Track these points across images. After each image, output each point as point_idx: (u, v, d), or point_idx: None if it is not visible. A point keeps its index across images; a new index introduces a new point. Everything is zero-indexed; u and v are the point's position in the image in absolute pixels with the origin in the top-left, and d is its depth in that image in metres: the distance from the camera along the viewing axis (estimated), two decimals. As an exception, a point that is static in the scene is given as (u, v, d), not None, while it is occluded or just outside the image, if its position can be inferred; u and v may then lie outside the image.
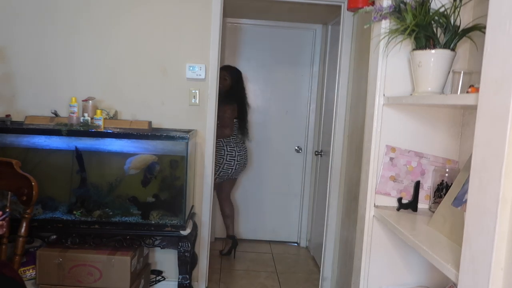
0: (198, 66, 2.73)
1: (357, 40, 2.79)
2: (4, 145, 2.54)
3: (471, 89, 1.15)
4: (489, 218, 0.83)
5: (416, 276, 1.54)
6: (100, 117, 2.45)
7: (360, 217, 1.60)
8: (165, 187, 2.64)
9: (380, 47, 1.46)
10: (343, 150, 2.93)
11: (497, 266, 0.82)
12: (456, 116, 1.52)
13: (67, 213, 2.48)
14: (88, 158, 2.57)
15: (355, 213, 1.68)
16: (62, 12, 2.68)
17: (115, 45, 2.72)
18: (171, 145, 2.57)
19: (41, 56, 2.70)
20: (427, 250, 1.10)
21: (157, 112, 2.75)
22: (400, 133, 1.51)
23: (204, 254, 2.93)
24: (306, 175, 4.02)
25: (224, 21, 3.25)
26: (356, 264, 1.59)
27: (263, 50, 3.87)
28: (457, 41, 1.30)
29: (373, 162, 1.52)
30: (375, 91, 1.50)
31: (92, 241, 2.38)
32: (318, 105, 3.88)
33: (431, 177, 1.53)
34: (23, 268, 2.44)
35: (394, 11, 1.38)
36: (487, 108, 0.86)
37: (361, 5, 1.54)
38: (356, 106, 2.72)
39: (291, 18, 3.76)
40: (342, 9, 2.87)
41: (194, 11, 2.71)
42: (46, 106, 2.67)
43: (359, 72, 2.70)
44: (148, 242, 2.41)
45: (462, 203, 1.22)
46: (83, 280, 2.38)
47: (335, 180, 2.98)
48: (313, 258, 3.76)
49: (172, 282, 2.80)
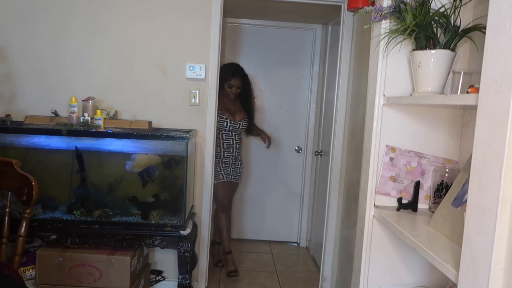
0: (198, 66, 2.73)
1: (357, 40, 2.79)
2: (4, 145, 2.54)
3: (471, 89, 1.15)
4: (489, 218, 0.83)
5: (416, 276, 1.54)
6: (100, 117, 2.45)
7: (360, 217, 1.60)
8: (165, 187, 2.64)
9: (380, 47, 1.46)
10: (343, 150, 2.93)
11: (497, 266, 0.82)
12: (456, 116, 1.52)
13: (67, 213, 2.48)
14: (88, 158, 2.57)
15: (355, 213, 1.68)
16: (62, 12, 2.68)
17: (115, 45, 2.72)
18: (171, 145, 2.57)
19: (41, 56, 2.70)
20: (427, 250, 1.10)
21: (157, 112, 2.75)
22: (400, 133, 1.51)
23: (204, 254, 2.93)
24: (306, 175, 4.02)
25: (224, 21, 3.24)
26: (356, 264, 1.59)
27: (263, 50, 3.87)
28: (457, 41, 1.30)
29: (373, 162, 1.52)
30: (375, 91, 1.50)
31: (92, 241, 2.38)
32: (318, 105, 3.88)
33: (431, 177, 1.53)
34: (23, 268, 2.44)
35: (394, 11, 1.38)
36: (487, 108, 0.86)
37: (361, 5, 1.54)
38: (356, 106, 2.72)
39: (291, 18, 3.76)
40: (342, 9, 2.87)
41: (194, 11, 2.71)
42: (46, 106, 2.67)
43: (359, 72, 2.70)
44: (148, 242, 2.41)
45: (462, 203, 1.22)
46: (83, 280, 2.37)
47: (335, 180, 2.98)
48: (313, 258, 3.76)
49: (172, 282, 2.80)
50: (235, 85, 3.23)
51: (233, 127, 3.26)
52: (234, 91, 3.24)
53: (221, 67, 3.07)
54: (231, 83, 3.21)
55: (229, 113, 3.27)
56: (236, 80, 3.22)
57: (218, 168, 3.24)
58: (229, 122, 3.23)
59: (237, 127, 3.28)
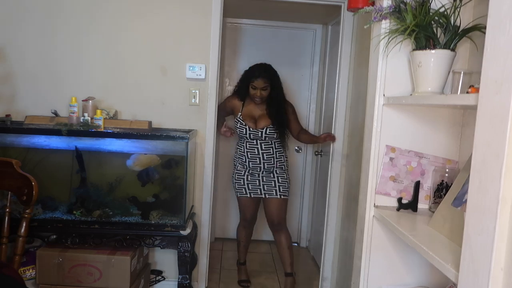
0: (198, 66, 2.73)
1: (357, 40, 2.79)
2: (4, 145, 2.54)
3: (471, 89, 1.15)
4: (489, 218, 0.83)
5: (416, 276, 1.54)
6: (100, 117, 2.45)
7: (360, 217, 1.60)
8: (165, 187, 2.64)
9: (380, 47, 1.46)
10: (343, 150, 2.93)
11: (497, 266, 0.82)
12: (456, 116, 1.52)
13: (67, 213, 2.48)
14: (88, 158, 2.57)
15: (355, 213, 1.68)
16: (62, 12, 2.68)
17: (115, 45, 2.72)
18: (171, 145, 2.57)
19: (41, 56, 2.70)
20: (427, 250, 1.10)
21: (157, 112, 2.75)
22: (400, 133, 1.51)
23: (204, 254, 2.93)
24: (306, 175, 4.02)
25: (224, 21, 3.24)
26: (356, 264, 1.59)
27: (263, 50, 3.86)
28: (457, 41, 1.30)
29: (373, 162, 1.52)
30: (375, 91, 1.50)
31: (92, 241, 2.38)
32: (318, 105, 3.88)
33: (431, 177, 1.53)
34: (23, 268, 2.44)
35: (394, 11, 1.38)
36: (487, 108, 0.85)
37: (361, 5, 1.54)
38: (356, 106, 2.72)
39: (291, 18, 3.76)
40: (342, 9, 2.87)
41: (194, 11, 2.71)
42: (46, 106, 2.67)
43: (359, 72, 2.70)
44: (148, 242, 2.41)
45: (462, 203, 1.22)
46: (83, 280, 2.38)
47: (335, 180, 2.98)
48: (313, 258, 3.76)
49: (172, 282, 2.80)
50: (259, 87, 2.81)
51: (254, 135, 2.86)
52: (259, 94, 2.82)
53: (249, 67, 2.92)
54: (254, 84, 2.82)
55: (252, 119, 2.90)
56: (260, 81, 2.81)
57: (241, 181, 2.92)
58: (248, 129, 2.86)
59: (260, 135, 2.85)
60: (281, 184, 2.90)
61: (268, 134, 2.86)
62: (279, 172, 2.91)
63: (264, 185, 2.90)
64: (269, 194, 2.89)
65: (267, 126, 2.86)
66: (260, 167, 2.88)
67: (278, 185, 2.89)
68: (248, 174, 2.91)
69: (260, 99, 2.86)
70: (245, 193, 2.93)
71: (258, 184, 2.90)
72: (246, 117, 2.90)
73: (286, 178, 2.93)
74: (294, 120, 3.01)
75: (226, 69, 3.87)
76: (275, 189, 2.89)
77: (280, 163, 2.92)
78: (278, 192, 2.89)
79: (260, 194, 2.91)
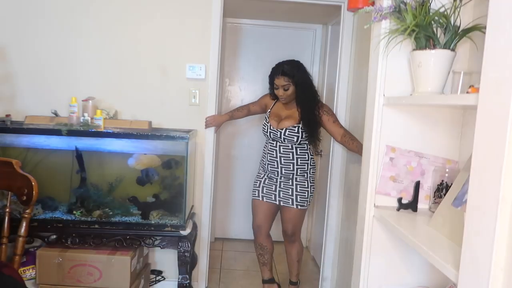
0: (198, 66, 2.73)
1: (357, 40, 2.79)
2: (4, 145, 2.54)
3: (471, 89, 1.15)
4: (489, 218, 0.83)
5: (416, 276, 1.54)
6: (100, 117, 2.45)
7: (360, 217, 1.60)
8: (165, 187, 2.64)
9: (380, 47, 1.46)
10: (343, 150, 2.93)
11: (497, 267, 0.82)
12: (456, 116, 1.52)
13: (67, 213, 2.48)
14: (88, 158, 2.57)
15: (355, 213, 1.68)
16: (62, 12, 2.68)
17: (115, 45, 2.72)
18: (171, 145, 2.57)
19: (41, 56, 2.70)
20: (427, 250, 1.10)
21: (157, 112, 2.75)
22: (400, 133, 1.51)
23: (204, 254, 2.93)
24: (306, 175, 4.01)
25: (224, 21, 3.24)
26: (356, 264, 1.59)
27: (263, 50, 3.86)
28: (457, 41, 1.30)
29: (373, 162, 1.52)
30: (375, 91, 1.50)
31: (92, 241, 2.38)
32: (318, 105, 3.87)
33: (431, 177, 1.53)
34: (23, 268, 2.44)
35: (394, 11, 1.38)
36: (487, 108, 0.85)
37: (361, 5, 1.54)
38: (356, 106, 2.72)
39: (291, 18, 3.76)
40: (342, 9, 2.87)
41: (194, 11, 2.71)
42: (46, 106, 2.67)
43: (359, 72, 2.70)
44: (148, 242, 2.41)
45: (462, 203, 1.22)
46: (83, 280, 2.38)
47: (335, 180, 2.98)
48: (313, 258, 3.76)
49: (172, 282, 2.80)
50: (280, 86, 2.55)
51: (274, 135, 2.60)
52: (281, 93, 2.56)
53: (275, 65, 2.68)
54: (276, 82, 2.58)
55: (277, 118, 2.66)
56: (280, 79, 2.55)
57: (258, 183, 2.73)
58: (269, 127, 2.63)
59: (279, 136, 2.58)
60: (299, 193, 2.62)
61: (287, 136, 2.56)
62: (300, 180, 2.62)
63: (280, 191, 2.65)
64: (284, 202, 2.65)
65: (287, 127, 2.57)
66: (278, 172, 2.63)
67: (296, 194, 2.62)
68: (266, 178, 2.71)
69: (284, 99, 2.60)
70: (258, 195, 2.71)
71: (274, 190, 2.66)
72: (272, 116, 2.68)
73: (307, 187, 2.63)
74: (333, 123, 2.59)
75: (226, 69, 3.87)
76: (291, 198, 2.62)
77: (301, 171, 2.61)
78: (294, 201, 2.62)
79: (274, 200, 2.67)
